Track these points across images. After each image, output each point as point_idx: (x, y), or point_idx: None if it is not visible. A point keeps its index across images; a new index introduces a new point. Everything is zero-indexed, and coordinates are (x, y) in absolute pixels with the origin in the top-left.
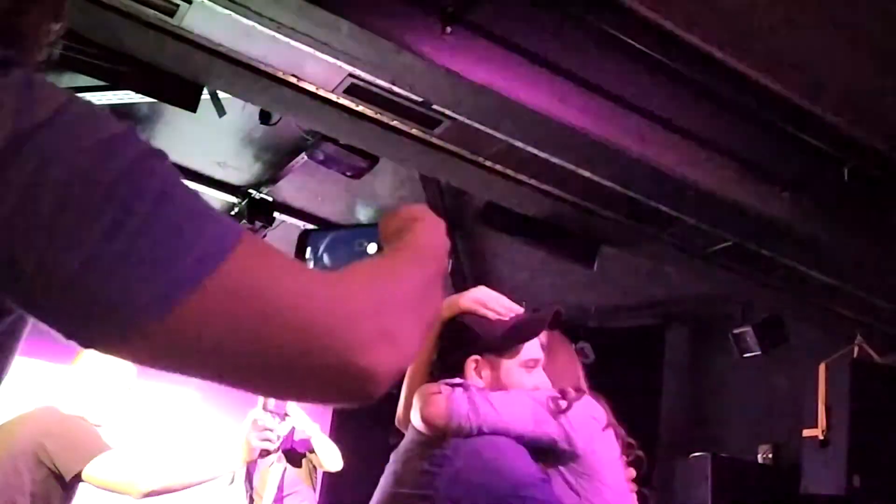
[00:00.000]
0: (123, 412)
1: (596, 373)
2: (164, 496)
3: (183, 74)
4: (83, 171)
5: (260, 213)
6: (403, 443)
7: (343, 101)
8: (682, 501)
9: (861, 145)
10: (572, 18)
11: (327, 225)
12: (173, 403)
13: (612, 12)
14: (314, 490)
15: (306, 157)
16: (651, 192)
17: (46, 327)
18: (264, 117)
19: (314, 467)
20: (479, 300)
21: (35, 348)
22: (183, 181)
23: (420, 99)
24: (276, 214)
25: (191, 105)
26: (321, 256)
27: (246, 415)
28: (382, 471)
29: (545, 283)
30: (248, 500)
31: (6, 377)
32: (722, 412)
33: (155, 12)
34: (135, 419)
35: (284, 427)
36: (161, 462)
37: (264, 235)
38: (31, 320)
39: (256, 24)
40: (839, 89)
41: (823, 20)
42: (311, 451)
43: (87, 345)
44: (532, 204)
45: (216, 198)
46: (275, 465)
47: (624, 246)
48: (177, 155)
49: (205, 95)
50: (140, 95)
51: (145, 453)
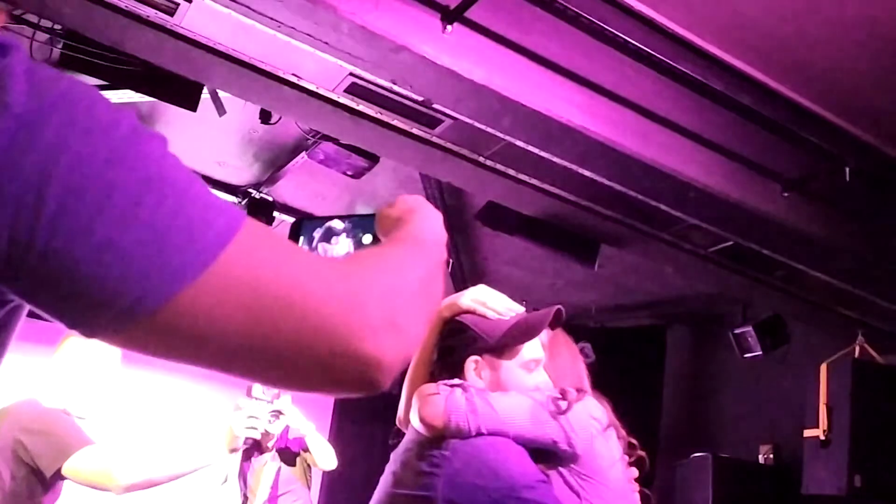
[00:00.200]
0: (108, 403)
1: (596, 373)
2: (158, 493)
3: (183, 74)
4: (84, 158)
5: (260, 213)
6: (403, 443)
7: (343, 101)
8: (683, 502)
9: (862, 145)
10: (573, 17)
11: None
12: (161, 393)
13: (613, 11)
14: (309, 489)
15: (306, 157)
16: (652, 192)
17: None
18: (264, 117)
19: (309, 466)
20: (480, 300)
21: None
22: (183, 165)
23: (420, 98)
24: (276, 214)
25: (191, 104)
26: (315, 247)
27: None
28: (382, 471)
29: (545, 283)
30: (243, 499)
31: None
32: (722, 412)
33: (155, 11)
34: (121, 410)
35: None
36: (140, 454)
37: None
38: (24, 312)
39: (257, 23)
40: (840, 88)
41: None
42: (306, 450)
43: (90, 334)
44: (532, 203)
45: None
46: (269, 464)
47: (624, 245)
48: (177, 154)
49: (205, 95)
50: (140, 95)
51: (124, 446)
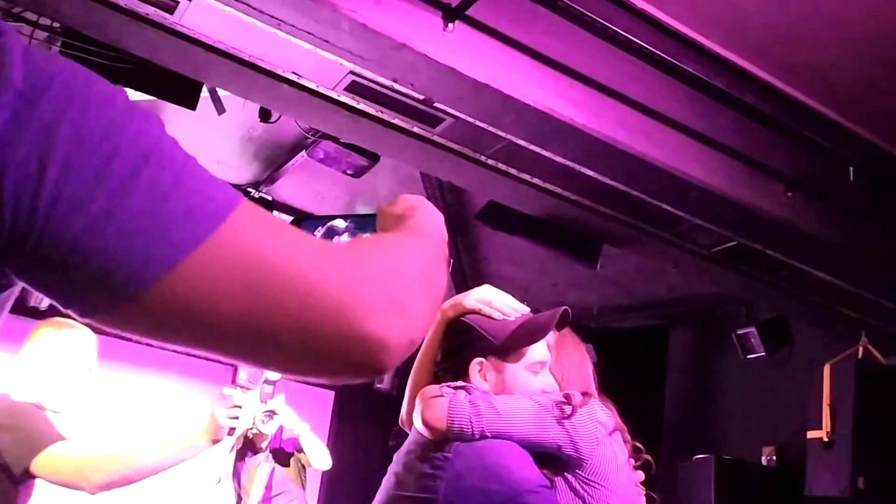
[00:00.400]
0: (85, 396)
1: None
2: (152, 494)
3: (182, 72)
4: (84, 130)
5: None
6: (405, 444)
7: (344, 99)
8: None
9: (866, 144)
10: (575, 15)
11: None
12: (141, 387)
13: (616, 9)
14: (303, 489)
15: (306, 156)
16: (655, 192)
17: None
18: (264, 115)
19: (303, 467)
20: (485, 299)
21: None
22: (178, 144)
23: (421, 97)
24: (275, 213)
25: (190, 103)
26: None
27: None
28: (381, 472)
29: (546, 284)
30: (236, 499)
31: None
32: (725, 414)
33: (154, 9)
34: (100, 404)
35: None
36: (114, 450)
37: None
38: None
39: (256, 21)
40: (845, 88)
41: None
42: (300, 451)
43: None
44: (534, 203)
45: None
46: (263, 465)
47: (627, 245)
48: None
49: (204, 93)
50: (139, 93)
51: (97, 442)
